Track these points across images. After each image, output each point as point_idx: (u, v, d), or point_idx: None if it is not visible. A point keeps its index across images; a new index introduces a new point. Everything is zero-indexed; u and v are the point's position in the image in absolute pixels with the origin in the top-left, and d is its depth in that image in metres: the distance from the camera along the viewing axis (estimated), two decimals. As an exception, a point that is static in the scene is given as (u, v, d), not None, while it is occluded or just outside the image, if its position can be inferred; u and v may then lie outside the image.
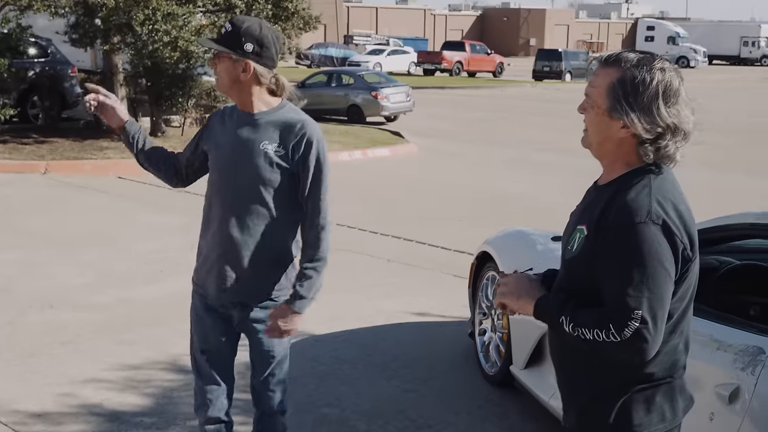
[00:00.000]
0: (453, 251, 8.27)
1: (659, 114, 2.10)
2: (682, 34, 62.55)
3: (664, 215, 2.06)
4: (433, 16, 77.69)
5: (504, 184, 12.21)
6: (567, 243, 2.25)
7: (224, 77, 2.88)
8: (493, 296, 4.82)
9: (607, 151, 2.20)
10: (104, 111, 3.04)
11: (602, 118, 2.17)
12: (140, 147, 3.06)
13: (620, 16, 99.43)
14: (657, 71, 2.12)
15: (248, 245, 2.93)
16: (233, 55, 2.83)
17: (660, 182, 2.13)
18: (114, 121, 3.03)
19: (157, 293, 6.39)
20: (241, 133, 2.92)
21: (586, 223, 2.15)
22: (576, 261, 2.17)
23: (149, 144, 3.09)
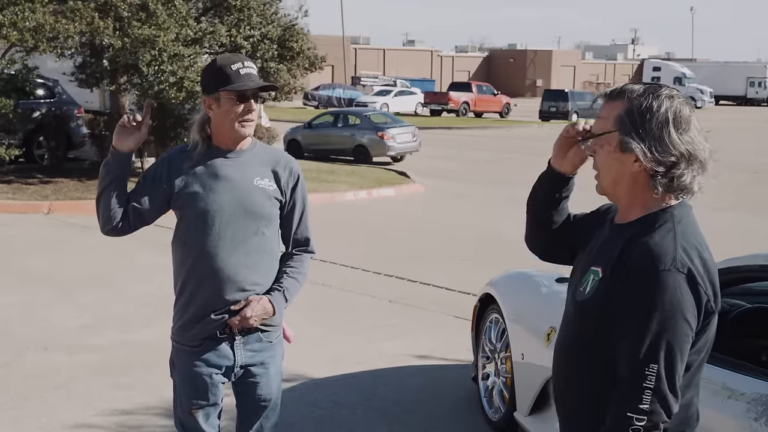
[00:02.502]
0: (456, 292, 8.14)
1: (671, 141, 1.98)
2: (689, 74, 62.74)
3: (689, 263, 1.93)
4: (440, 58, 78.23)
5: (509, 225, 12.06)
6: (578, 283, 2.11)
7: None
8: (497, 339, 4.70)
9: (623, 191, 2.07)
10: (130, 131, 2.79)
11: (613, 155, 2.05)
12: (121, 181, 2.83)
13: (626, 57, 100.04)
14: (665, 98, 2.02)
15: (253, 281, 2.85)
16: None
17: (684, 227, 2.00)
18: (126, 144, 2.79)
19: (153, 336, 6.27)
20: (230, 171, 2.84)
21: (602, 264, 2.03)
22: (588, 304, 2.04)
23: (124, 184, 2.88)
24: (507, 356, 4.55)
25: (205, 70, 2.91)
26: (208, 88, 2.83)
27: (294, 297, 2.97)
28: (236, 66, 2.79)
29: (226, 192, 2.81)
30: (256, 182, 2.85)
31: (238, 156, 2.87)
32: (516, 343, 4.30)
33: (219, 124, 2.83)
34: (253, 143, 2.92)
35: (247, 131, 2.83)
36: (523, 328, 4.30)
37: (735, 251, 3.78)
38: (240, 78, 2.77)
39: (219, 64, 2.82)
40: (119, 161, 2.81)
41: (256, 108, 2.83)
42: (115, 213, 2.81)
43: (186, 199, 2.83)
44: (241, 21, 13.54)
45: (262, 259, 2.87)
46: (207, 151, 2.85)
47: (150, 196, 2.84)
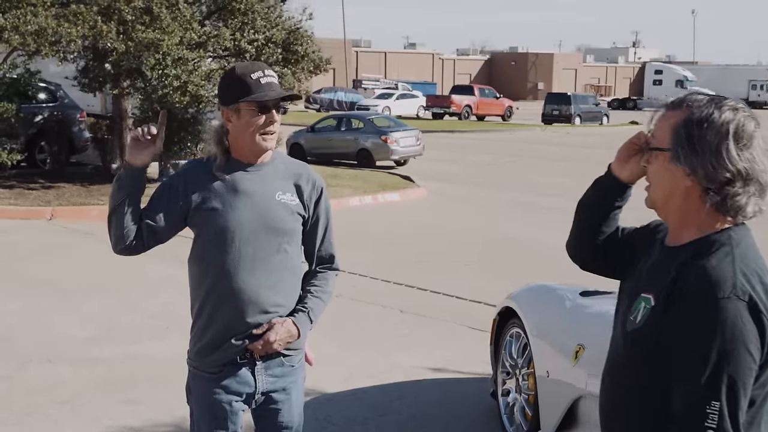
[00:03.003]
0: (468, 301, 7.99)
1: (729, 157, 1.82)
2: (691, 77, 62.59)
3: (750, 290, 1.77)
4: (441, 61, 78.16)
5: (514, 230, 11.95)
6: (627, 310, 1.95)
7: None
8: (518, 355, 4.55)
9: (675, 208, 1.92)
10: (145, 145, 2.63)
11: (666, 165, 1.91)
12: (134, 197, 2.66)
13: (627, 60, 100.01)
14: (727, 110, 1.87)
15: (276, 302, 2.70)
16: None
17: (743, 250, 1.84)
18: (141, 158, 2.63)
19: (163, 351, 6.11)
20: (250, 186, 2.69)
21: (654, 291, 1.87)
22: (640, 334, 1.88)
23: (138, 200, 2.72)
24: (529, 372, 4.40)
25: (223, 80, 2.76)
26: (226, 98, 2.67)
27: (319, 318, 2.83)
28: (256, 75, 2.64)
29: (247, 207, 2.67)
30: (277, 197, 2.71)
31: (259, 169, 2.72)
32: (540, 360, 4.14)
33: (239, 136, 2.68)
34: (274, 155, 2.77)
35: (268, 144, 2.68)
36: (548, 344, 4.15)
37: None
38: (261, 87, 2.62)
39: (238, 73, 2.66)
40: (133, 176, 2.65)
41: (278, 119, 2.68)
42: (129, 231, 2.65)
43: (204, 215, 2.67)
44: (246, 25, 13.39)
45: (285, 278, 2.72)
46: (226, 165, 2.69)
47: (165, 212, 2.68)
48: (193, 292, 2.77)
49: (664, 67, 65.69)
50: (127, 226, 2.64)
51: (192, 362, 2.78)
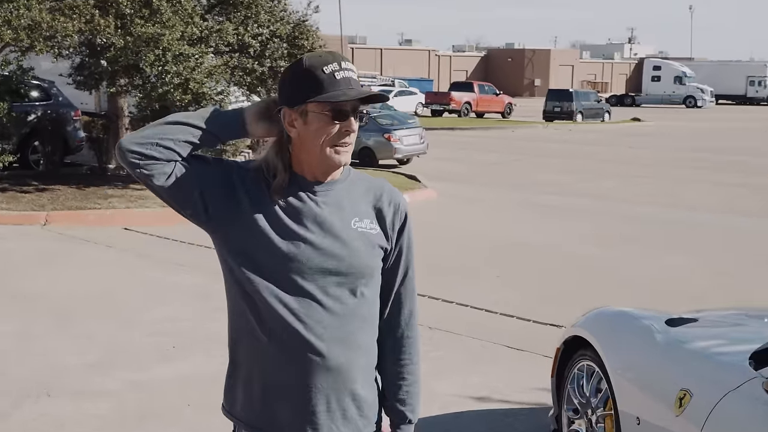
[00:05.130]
0: (499, 315, 7.40)
1: None
2: (689, 73, 62.02)
3: None
4: (438, 57, 77.54)
5: (530, 233, 11.37)
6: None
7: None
8: (590, 393, 3.96)
9: None
10: (274, 115, 2.08)
11: None
12: (208, 138, 2.05)
13: (623, 57, 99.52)
14: None
15: (350, 361, 2.08)
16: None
17: None
18: (258, 125, 2.08)
19: (171, 377, 5.50)
20: (320, 211, 2.07)
21: None
22: None
23: (204, 145, 2.09)
24: (606, 414, 3.80)
25: (287, 73, 2.10)
26: (291, 96, 2.03)
27: (419, 405, 2.26)
28: (330, 68, 2.00)
29: (316, 239, 2.04)
30: (354, 224, 2.09)
31: (329, 189, 2.09)
32: (626, 403, 3.54)
33: (305, 147, 2.05)
34: (347, 172, 2.14)
35: (343, 159, 2.05)
36: (637, 385, 3.55)
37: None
38: (336, 85, 1.99)
39: (307, 64, 2.03)
40: (231, 127, 2.07)
41: (356, 128, 2.05)
42: (169, 149, 2.00)
43: (254, 240, 2.03)
44: (249, 18, 12.78)
45: (360, 331, 2.10)
46: (288, 181, 2.08)
47: (206, 184, 2.04)
48: (234, 338, 2.15)
49: (662, 63, 65.10)
50: (175, 146, 2.01)
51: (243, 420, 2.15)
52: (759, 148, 25.54)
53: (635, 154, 23.71)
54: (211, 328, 6.47)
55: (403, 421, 2.22)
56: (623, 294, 7.88)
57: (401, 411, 2.22)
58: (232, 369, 2.16)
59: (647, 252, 10.23)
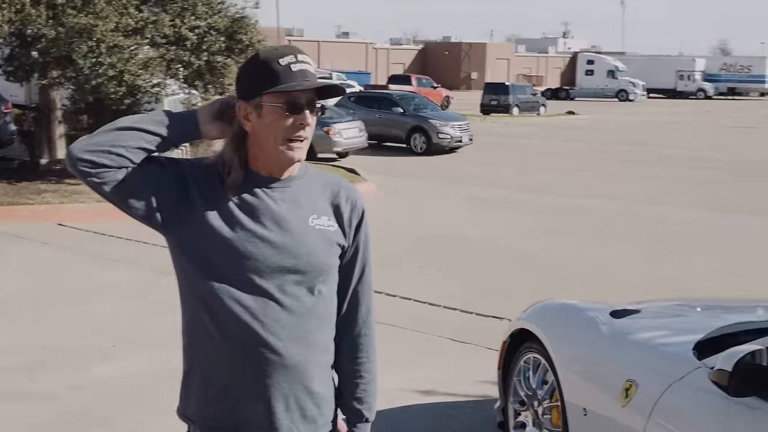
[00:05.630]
0: (442, 308, 7.44)
1: None
2: (621, 68, 63.15)
3: None
4: (375, 50, 77.49)
5: (471, 227, 11.47)
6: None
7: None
8: (537, 384, 4.00)
9: None
10: (228, 116, 2.05)
11: None
12: (164, 143, 2.00)
13: (557, 51, 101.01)
14: None
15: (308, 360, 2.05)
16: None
17: None
18: (211, 125, 2.04)
19: (113, 377, 5.38)
20: (277, 208, 2.03)
21: None
22: None
23: (159, 149, 2.04)
24: (553, 406, 3.85)
25: (243, 67, 2.06)
26: (245, 90, 2.00)
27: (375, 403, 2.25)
28: (286, 60, 1.97)
29: (273, 236, 2.00)
30: (312, 222, 2.06)
31: (286, 186, 2.05)
32: (573, 394, 3.59)
33: (259, 142, 2.01)
34: (304, 168, 2.11)
35: (296, 154, 2.01)
36: (583, 377, 3.59)
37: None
38: (292, 76, 1.96)
39: (263, 57, 1.99)
40: (185, 128, 2.02)
41: (312, 122, 2.02)
42: (122, 156, 1.94)
43: (209, 239, 1.98)
44: (186, 10, 12.54)
45: (318, 330, 2.07)
46: (243, 178, 2.03)
47: (159, 188, 1.99)
48: (189, 339, 2.10)
49: (595, 57, 66.17)
50: (127, 152, 1.94)
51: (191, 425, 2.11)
52: (690, 142, 26.18)
53: (571, 147, 24.08)
54: (152, 326, 6.35)
55: (360, 420, 2.21)
56: (563, 285, 8.00)
57: (358, 409, 2.20)
58: (187, 370, 2.12)
59: (585, 244, 10.40)
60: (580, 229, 11.41)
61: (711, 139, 27.41)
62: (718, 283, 8.30)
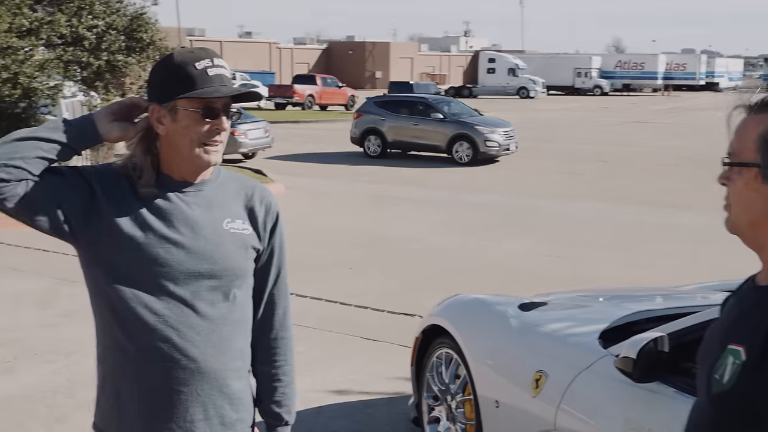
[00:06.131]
0: (354, 307, 7.47)
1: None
2: (522, 65, 64.59)
3: None
4: (279, 50, 76.98)
5: (382, 226, 11.55)
6: (712, 368, 1.53)
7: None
8: (450, 379, 4.06)
9: (764, 237, 1.52)
10: (127, 116, 2.01)
11: (753, 186, 1.50)
12: (64, 152, 1.94)
13: (459, 49, 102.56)
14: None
15: (226, 366, 2.03)
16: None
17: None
18: (111, 127, 1.97)
19: (13, 389, 5.20)
20: (191, 212, 2.00)
21: (745, 343, 1.46)
22: (728, 395, 1.48)
23: (59, 158, 1.98)
24: (466, 399, 3.92)
25: (156, 68, 2.02)
26: (159, 93, 1.96)
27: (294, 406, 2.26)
28: (202, 64, 1.94)
29: (187, 241, 1.97)
30: (226, 226, 2.03)
31: (200, 190, 2.03)
32: (485, 387, 3.66)
33: (173, 146, 1.98)
34: (217, 172, 2.08)
35: (212, 158, 1.99)
36: (494, 369, 3.67)
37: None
38: (208, 81, 1.93)
39: (178, 60, 1.95)
40: (85, 133, 1.96)
41: (227, 127, 1.99)
42: (19, 169, 1.86)
43: (121, 245, 1.93)
44: (83, 9, 12.22)
45: (235, 336, 2.05)
46: (155, 182, 1.99)
47: (63, 199, 1.93)
48: (102, 349, 2.05)
49: (496, 55, 67.43)
50: (25, 164, 1.86)
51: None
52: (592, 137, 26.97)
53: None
54: (54, 337, 6.16)
55: (280, 423, 2.21)
56: (473, 281, 8.14)
57: (277, 413, 2.20)
58: (102, 383, 2.07)
59: (494, 239, 10.60)
60: (491, 226, 11.62)
61: (609, 134, 28.32)
62: (622, 274, 8.59)
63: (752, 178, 1.51)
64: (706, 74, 75.23)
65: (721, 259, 8.17)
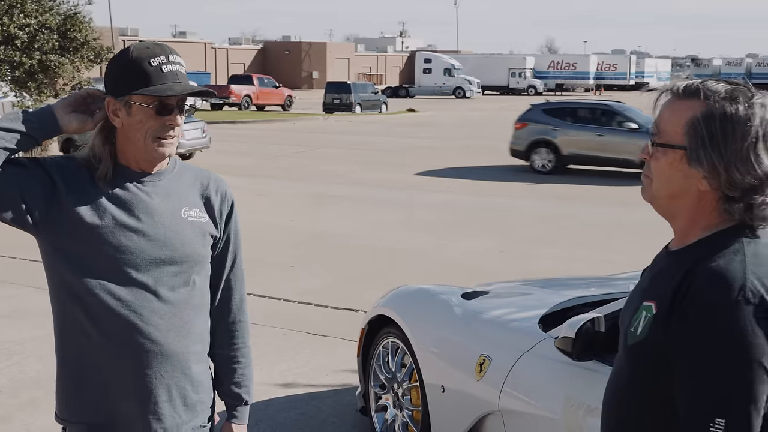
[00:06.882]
0: (297, 303, 7.54)
1: (759, 162, 1.59)
2: (457, 66, 65.32)
3: (764, 293, 1.55)
4: (214, 50, 76.26)
5: (321, 223, 11.63)
6: (629, 323, 1.71)
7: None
8: (396, 368, 4.18)
9: (681, 209, 1.68)
10: (85, 107, 2.07)
11: (677, 165, 1.65)
12: (24, 141, 2.00)
13: (395, 50, 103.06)
14: (757, 106, 1.61)
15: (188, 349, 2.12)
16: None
17: (756, 248, 1.62)
18: (70, 118, 2.03)
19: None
20: (150, 201, 2.07)
21: (656, 299, 1.63)
22: (641, 347, 1.65)
23: (21, 148, 2.04)
24: (412, 386, 4.03)
25: (113, 62, 2.08)
26: (114, 87, 2.02)
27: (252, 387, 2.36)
28: (158, 60, 2.01)
29: (148, 229, 2.04)
30: (184, 214, 2.11)
31: (157, 180, 2.10)
32: (431, 374, 3.78)
33: (128, 138, 2.04)
34: (173, 162, 2.16)
35: (167, 151, 2.06)
36: (439, 356, 3.79)
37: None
38: (163, 78, 2.00)
39: (134, 55, 2.02)
40: (45, 124, 2.01)
41: (181, 122, 2.06)
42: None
43: (84, 234, 1.99)
44: (14, 8, 11.99)
45: (195, 320, 2.13)
46: (113, 172, 2.05)
47: (25, 189, 1.97)
48: (62, 340, 2.10)
49: (432, 56, 68.04)
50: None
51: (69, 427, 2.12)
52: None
53: (415, 143, 24.71)
54: (-5, 338, 6.08)
55: (240, 403, 2.29)
56: (415, 277, 8.27)
57: (237, 393, 2.28)
58: (62, 373, 2.12)
59: (436, 236, 10.75)
60: (433, 223, 11.78)
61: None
62: (565, 267, 8.83)
63: (677, 159, 1.65)
64: (635, 74, 77.12)
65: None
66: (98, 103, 2.07)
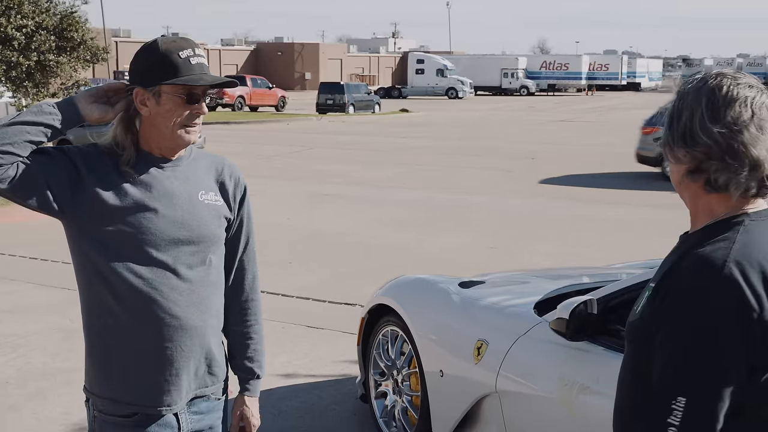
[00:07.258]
0: (295, 298, 7.67)
1: (703, 129, 1.64)
2: (450, 66, 65.49)
3: (743, 282, 1.58)
4: (207, 51, 76.19)
5: (318, 222, 11.76)
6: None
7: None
8: (395, 355, 4.31)
9: (685, 198, 1.76)
10: (108, 99, 2.20)
11: (669, 157, 1.76)
12: (53, 131, 2.12)
13: (388, 51, 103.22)
14: (711, 78, 1.68)
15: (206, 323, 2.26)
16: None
17: (749, 236, 1.65)
18: (92, 108, 2.16)
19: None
20: (170, 185, 2.22)
21: (657, 279, 1.69)
22: (635, 326, 1.72)
23: (48, 138, 2.16)
24: (412, 372, 4.17)
25: (141, 54, 2.21)
26: (144, 78, 2.16)
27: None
28: (186, 53, 2.15)
29: (168, 211, 2.18)
30: (201, 197, 2.26)
31: (177, 165, 2.25)
32: (430, 360, 3.91)
33: (155, 126, 2.18)
34: (190, 149, 2.30)
35: (192, 138, 2.21)
36: (438, 343, 3.92)
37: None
38: (191, 69, 2.14)
39: (163, 48, 2.16)
40: (70, 119, 2.14)
41: (206, 111, 2.22)
42: (8, 151, 2.04)
43: (108, 217, 2.13)
44: (11, 9, 12.07)
45: (212, 296, 2.27)
46: (135, 158, 2.19)
47: (51, 177, 2.11)
48: (89, 319, 2.23)
49: (425, 56, 68.22)
50: (14, 149, 2.04)
51: (96, 403, 2.25)
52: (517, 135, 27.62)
53: (408, 143, 24.85)
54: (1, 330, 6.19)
55: (253, 377, 2.42)
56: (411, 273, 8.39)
57: (250, 367, 2.42)
58: (90, 349, 2.26)
59: (431, 233, 10.89)
60: (427, 220, 11.92)
61: (536, 132, 29.04)
62: (553, 262, 8.98)
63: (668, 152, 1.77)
64: (627, 74, 77.47)
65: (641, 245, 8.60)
66: (119, 96, 2.20)
